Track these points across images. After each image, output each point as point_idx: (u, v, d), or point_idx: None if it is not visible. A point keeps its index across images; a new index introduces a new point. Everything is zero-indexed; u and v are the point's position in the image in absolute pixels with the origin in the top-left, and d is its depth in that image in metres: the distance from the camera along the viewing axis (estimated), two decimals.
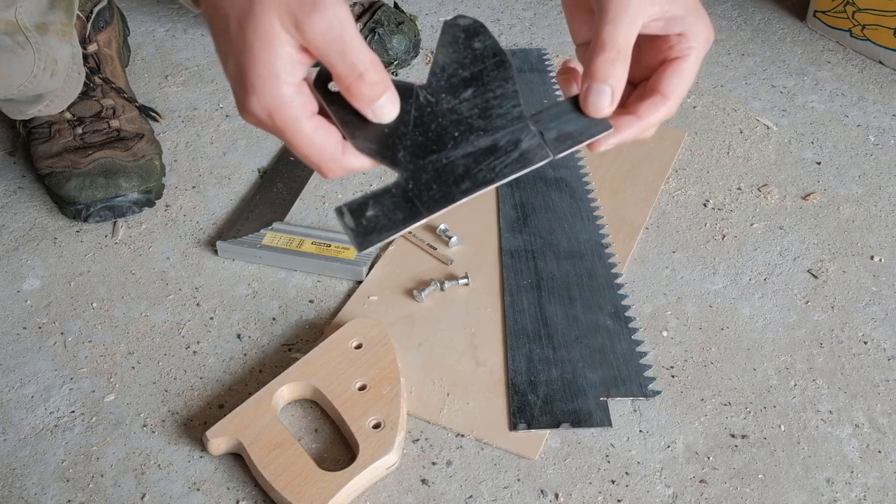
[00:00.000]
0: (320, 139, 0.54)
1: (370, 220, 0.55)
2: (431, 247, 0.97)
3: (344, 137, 0.55)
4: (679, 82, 0.59)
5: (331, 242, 0.96)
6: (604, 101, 0.57)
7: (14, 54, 0.93)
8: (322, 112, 0.56)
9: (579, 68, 0.62)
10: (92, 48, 1.07)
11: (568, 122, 0.58)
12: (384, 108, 0.54)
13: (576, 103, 0.58)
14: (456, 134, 0.56)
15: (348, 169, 0.56)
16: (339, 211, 0.55)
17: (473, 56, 0.58)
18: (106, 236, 1.00)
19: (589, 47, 0.62)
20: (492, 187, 0.56)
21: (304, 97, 0.54)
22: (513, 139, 0.57)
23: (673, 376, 0.86)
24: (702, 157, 1.10)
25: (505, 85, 0.58)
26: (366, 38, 1.19)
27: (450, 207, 0.56)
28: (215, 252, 0.98)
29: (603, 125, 0.58)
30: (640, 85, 0.61)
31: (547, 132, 0.58)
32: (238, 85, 0.54)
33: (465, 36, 0.58)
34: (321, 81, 0.55)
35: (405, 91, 0.56)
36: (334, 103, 0.55)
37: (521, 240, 0.98)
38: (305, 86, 0.54)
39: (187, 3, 0.63)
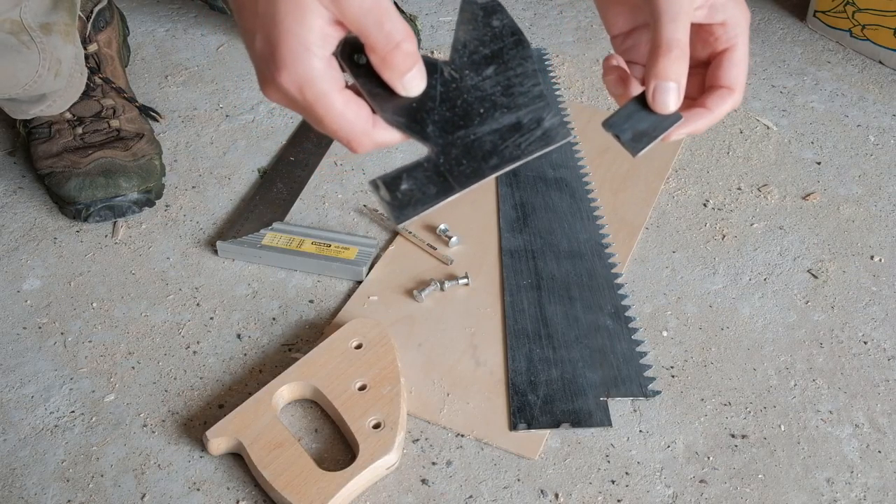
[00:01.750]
0: (351, 113, 0.54)
1: (405, 194, 0.55)
2: (431, 247, 0.97)
3: (373, 111, 0.55)
4: (738, 72, 0.60)
5: (331, 242, 0.96)
6: (671, 98, 0.58)
7: (19, 54, 0.93)
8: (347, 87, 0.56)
9: (623, 63, 0.63)
10: (92, 48, 1.07)
11: (639, 120, 0.59)
12: (414, 80, 0.54)
13: (642, 102, 0.59)
14: (481, 110, 0.57)
15: (378, 143, 0.55)
16: (375, 184, 0.55)
17: (493, 34, 0.58)
18: (106, 236, 1.00)
19: (627, 38, 0.64)
20: (518, 164, 0.56)
21: (335, 71, 0.53)
22: (535, 117, 0.57)
23: (673, 376, 0.86)
24: (702, 157, 1.10)
25: (525, 63, 0.58)
26: None
27: (480, 183, 0.56)
28: (215, 252, 0.98)
29: (674, 117, 0.59)
30: (689, 75, 0.61)
31: (622, 134, 0.58)
32: (266, 60, 0.53)
33: (484, 14, 0.58)
34: (347, 54, 0.55)
35: (430, 67, 0.56)
36: (362, 76, 0.55)
37: (521, 240, 0.98)
38: (335, 60, 0.54)
39: None
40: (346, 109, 0.53)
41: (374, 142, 0.55)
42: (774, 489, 0.77)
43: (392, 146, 0.56)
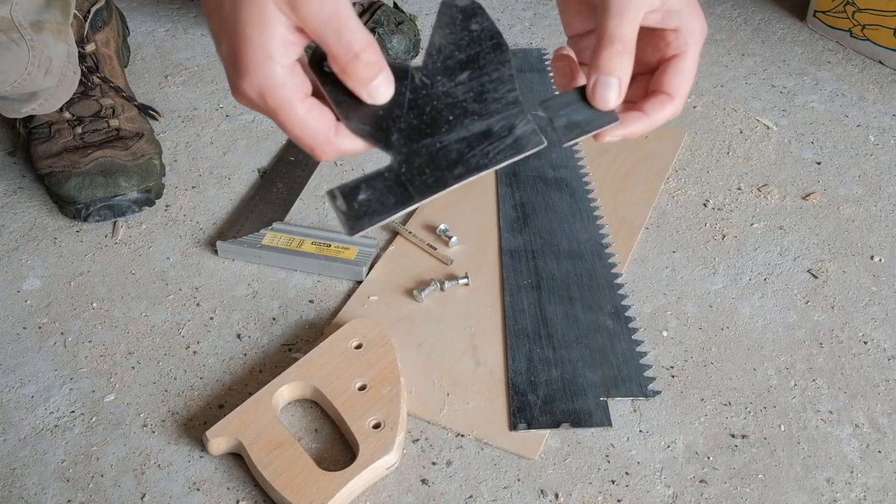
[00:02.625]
0: (313, 120, 0.53)
1: (362, 204, 0.54)
2: (431, 247, 0.97)
3: (338, 119, 0.55)
4: (682, 80, 0.59)
5: (331, 242, 0.96)
6: (611, 93, 0.57)
7: (8, 51, 0.93)
8: (317, 93, 0.55)
9: (573, 55, 0.62)
10: (90, 48, 1.07)
11: (576, 111, 0.58)
12: (379, 89, 0.54)
13: (582, 94, 0.58)
14: (450, 118, 0.56)
15: (341, 151, 0.55)
16: (332, 194, 0.54)
17: (470, 38, 0.57)
18: (106, 236, 1.00)
19: (582, 39, 0.63)
20: (484, 173, 0.55)
21: (298, 78, 0.53)
22: (507, 125, 0.56)
23: (673, 376, 0.86)
24: (702, 157, 1.10)
25: (501, 69, 0.57)
26: None
27: (442, 193, 0.55)
28: (215, 252, 0.98)
29: (610, 116, 0.58)
30: (636, 80, 0.61)
31: (556, 119, 0.57)
32: (230, 66, 0.53)
33: (463, 17, 0.57)
34: (316, 61, 0.55)
35: (401, 73, 0.55)
36: (329, 84, 0.54)
37: (521, 240, 0.98)
38: (299, 67, 0.54)
39: None
40: (307, 117, 0.53)
41: (337, 149, 0.55)
42: (774, 489, 0.77)
43: (357, 154, 0.56)
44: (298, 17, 0.51)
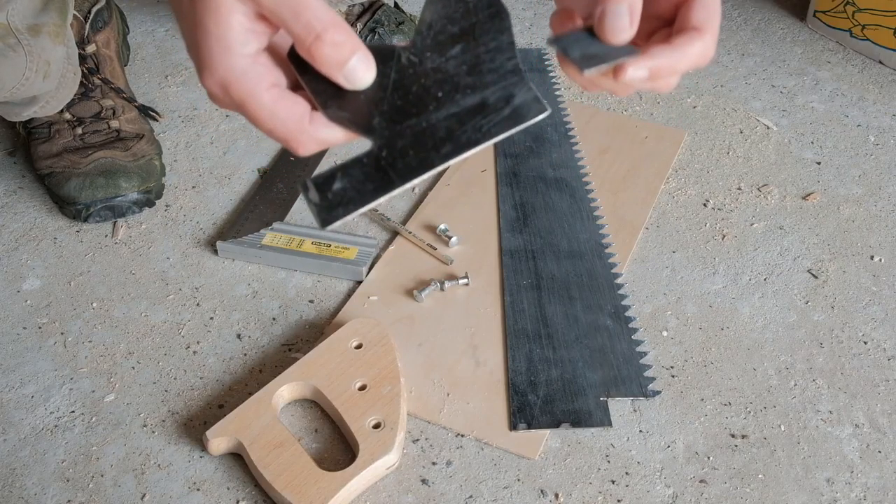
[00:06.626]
0: (282, 110, 0.49)
1: (336, 194, 0.49)
2: (431, 247, 0.97)
3: (314, 108, 0.50)
4: (707, 14, 0.53)
5: (331, 242, 0.96)
6: (622, 21, 0.51)
7: (5, 58, 0.93)
8: (299, 87, 0.52)
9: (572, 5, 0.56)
10: (91, 49, 1.07)
11: (589, 45, 0.51)
12: (356, 71, 0.49)
13: (592, 32, 0.52)
14: (439, 94, 0.51)
15: (321, 140, 0.51)
16: (304, 185, 0.50)
17: (465, 9, 0.51)
18: (106, 236, 1.00)
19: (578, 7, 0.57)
20: (477, 149, 0.50)
21: (262, 67, 0.50)
22: (504, 95, 0.51)
23: (673, 376, 0.86)
24: (702, 157, 1.10)
25: (499, 37, 0.51)
26: (365, 39, 1.19)
27: (427, 174, 0.50)
28: (215, 252, 0.98)
29: (628, 49, 0.52)
30: (655, 34, 0.56)
31: (570, 52, 0.51)
32: (195, 62, 0.51)
33: None
34: (295, 51, 0.50)
35: (386, 54, 0.51)
36: (307, 73, 0.50)
37: (521, 240, 0.98)
38: (265, 56, 0.50)
39: None
40: (275, 107, 0.49)
41: (316, 139, 0.51)
42: (774, 489, 0.77)
43: (338, 144, 0.52)
44: (255, 1, 0.48)
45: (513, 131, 0.51)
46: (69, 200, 0.99)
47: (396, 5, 1.25)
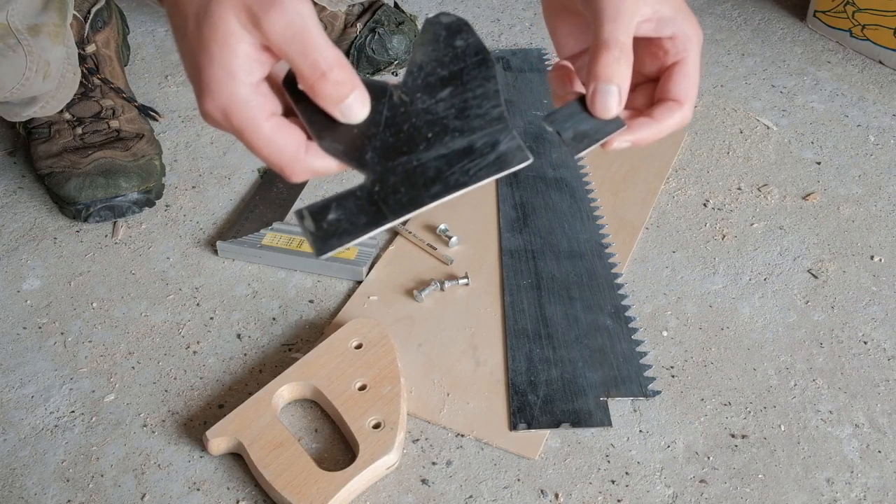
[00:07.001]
0: (280, 139, 0.51)
1: (331, 224, 0.52)
2: (431, 247, 0.97)
3: (310, 138, 0.53)
4: (687, 85, 0.58)
5: None
6: (612, 101, 0.56)
7: (5, 58, 0.93)
8: (292, 114, 0.54)
9: (570, 66, 0.61)
10: (90, 49, 1.07)
11: (580, 121, 0.56)
12: (352, 108, 0.52)
13: (584, 104, 0.57)
14: (429, 135, 0.54)
15: (313, 170, 0.53)
16: (300, 214, 0.52)
17: (454, 54, 0.55)
18: (106, 236, 1.00)
19: (577, 59, 0.62)
20: (463, 192, 0.53)
21: (263, 97, 0.52)
22: (490, 141, 0.54)
23: (673, 376, 0.86)
24: (702, 157, 1.10)
25: (486, 84, 0.55)
26: (365, 39, 1.19)
27: (417, 212, 0.53)
28: (215, 252, 0.98)
29: (616, 123, 0.56)
30: (639, 89, 0.61)
31: (563, 132, 0.56)
32: (195, 86, 0.52)
33: (447, 34, 0.55)
34: (289, 80, 0.53)
35: (378, 91, 0.53)
36: (302, 102, 0.52)
37: (521, 240, 0.98)
38: (265, 85, 0.52)
39: (152, 0, 0.61)
40: (273, 136, 0.51)
41: (308, 169, 0.53)
42: (774, 489, 0.77)
43: (330, 175, 0.54)
44: (263, 34, 0.49)
45: (497, 176, 0.54)
46: (69, 200, 0.99)
47: (396, 5, 1.25)
